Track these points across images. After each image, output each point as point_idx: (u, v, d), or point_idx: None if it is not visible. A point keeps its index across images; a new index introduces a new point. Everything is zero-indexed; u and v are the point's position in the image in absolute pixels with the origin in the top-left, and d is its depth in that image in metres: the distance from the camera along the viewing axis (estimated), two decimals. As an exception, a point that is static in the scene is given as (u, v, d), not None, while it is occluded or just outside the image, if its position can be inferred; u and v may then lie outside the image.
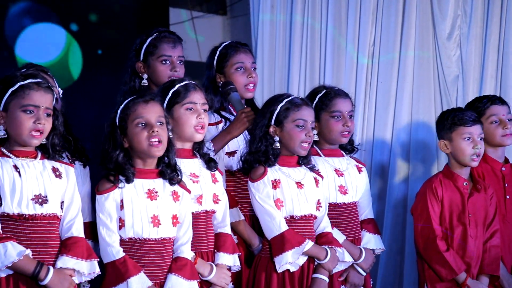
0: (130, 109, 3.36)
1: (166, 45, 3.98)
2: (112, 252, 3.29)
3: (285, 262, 3.70)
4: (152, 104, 3.39)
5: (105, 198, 3.33)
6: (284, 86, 5.65)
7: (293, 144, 3.79)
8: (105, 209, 3.32)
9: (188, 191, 3.49)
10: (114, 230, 3.32)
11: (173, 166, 3.44)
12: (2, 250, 3.02)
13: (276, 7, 5.69)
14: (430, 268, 4.15)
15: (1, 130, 3.15)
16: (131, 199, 3.34)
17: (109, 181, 3.33)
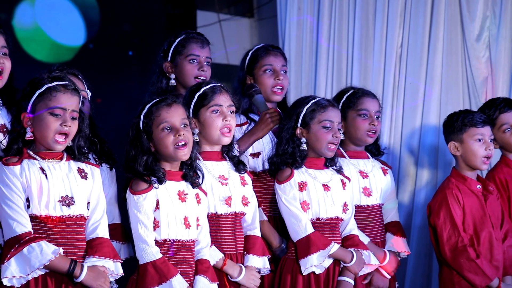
0: (154, 114, 3.36)
1: (194, 44, 3.99)
2: (152, 252, 3.30)
3: (311, 264, 3.70)
4: (175, 107, 3.39)
5: (144, 198, 3.32)
6: (311, 89, 5.64)
7: (319, 145, 3.79)
8: (143, 209, 3.32)
9: (205, 193, 3.50)
10: (151, 230, 3.33)
11: (194, 167, 3.45)
12: (38, 250, 3.04)
13: (303, 9, 5.68)
14: (460, 277, 4.08)
15: (28, 132, 3.17)
16: (165, 200, 3.35)
17: (144, 181, 3.33)
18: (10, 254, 3.04)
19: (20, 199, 3.10)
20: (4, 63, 3.37)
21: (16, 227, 3.07)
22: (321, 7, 5.57)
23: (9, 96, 3.49)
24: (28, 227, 3.09)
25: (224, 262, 3.54)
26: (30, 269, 3.04)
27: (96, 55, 5.45)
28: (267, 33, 6.33)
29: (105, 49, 5.51)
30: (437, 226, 4.08)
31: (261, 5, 6.50)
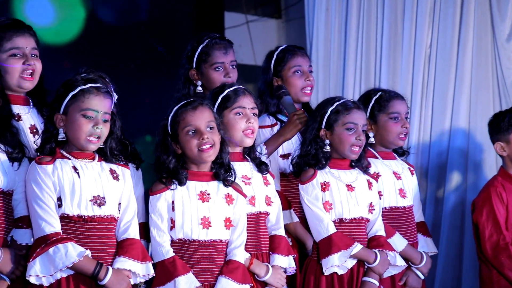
0: (179, 117, 3.38)
1: (218, 52, 4.00)
2: (162, 251, 3.32)
3: (331, 264, 3.69)
4: (201, 110, 3.40)
5: (157, 198, 3.36)
6: (339, 90, 5.64)
7: (342, 147, 3.78)
8: (156, 210, 3.36)
9: (243, 195, 3.50)
10: (165, 230, 3.35)
11: (227, 165, 3.45)
12: (63, 251, 3.06)
13: (331, 10, 5.68)
14: (500, 275, 4.05)
15: (61, 133, 3.20)
16: (182, 200, 3.37)
17: (162, 182, 3.37)
18: (36, 254, 3.06)
19: (51, 199, 3.13)
20: (35, 64, 3.41)
21: (45, 227, 3.09)
22: (349, 7, 5.56)
23: (39, 97, 3.53)
24: (57, 228, 3.11)
25: (250, 261, 3.54)
26: (53, 270, 3.06)
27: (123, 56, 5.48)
28: (295, 34, 6.33)
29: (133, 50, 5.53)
30: (479, 223, 4.07)
31: (288, 6, 6.50)
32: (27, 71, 3.39)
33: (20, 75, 3.38)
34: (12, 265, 3.09)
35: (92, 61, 5.26)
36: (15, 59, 3.38)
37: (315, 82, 4.17)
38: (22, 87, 3.41)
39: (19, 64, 3.38)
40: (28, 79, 3.40)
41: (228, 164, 3.45)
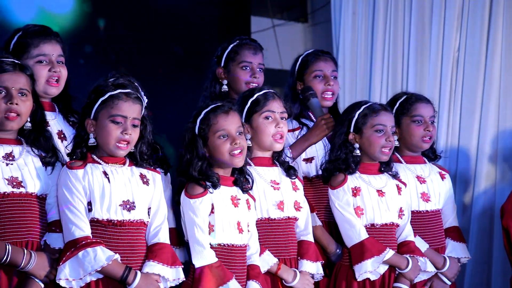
0: (211, 120, 3.38)
1: (247, 51, 4.01)
2: (208, 255, 3.31)
3: (365, 270, 3.68)
4: (232, 115, 3.41)
5: (200, 201, 3.33)
6: (365, 93, 5.62)
7: (373, 150, 3.76)
8: (200, 212, 3.33)
9: (254, 199, 3.51)
10: (207, 233, 3.34)
11: (245, 173, 3.47)
12: (92, 255, 3.08)
13: (357, 14, 5.67)
14: None
15: (91, 138, 3.21)
16: (220, 205, 3.37)
17: (200, 185, 3.35)
18: (65, 257, 3.08)
19: (81, 203, 3.15)
20: (60, 71, 3.45)
21: (75, 231, 3.11)
22: (376, 11, 5.54)
23: (64, 103, 3.57)
24: (87, 232, 3.13)
25: (278, 266, 3.54)
26: (83, 273, 3.07)
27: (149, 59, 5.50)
28: (321, 38, 6.32)
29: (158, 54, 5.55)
30: (509, 228, 4.03)
31: (315, 10, 6.49)
32: (53, 77, 3.43)
33: (46, 81, 3.42)
34: (46, 269, 3.11)
35: (116, 64, 5.32)
36: (42, 65, 3.42)
37: (338, 87, 4.14)
38: (48, 93, 3.45)
39: (45, 71, 3.41)
40: (54, 85, 3.44)
41: (246, 171, 3.47)
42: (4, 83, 3.11)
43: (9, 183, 3.11)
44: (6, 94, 3.11)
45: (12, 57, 3.22)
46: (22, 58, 3.37)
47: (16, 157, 3.16)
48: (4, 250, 3.04)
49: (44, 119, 3.27)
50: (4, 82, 3.11)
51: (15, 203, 3.12)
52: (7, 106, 3.10)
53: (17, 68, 3.16)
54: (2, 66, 3.13)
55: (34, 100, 3.21)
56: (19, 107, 3.12)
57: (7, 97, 3.11)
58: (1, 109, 3.10)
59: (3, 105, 3.10)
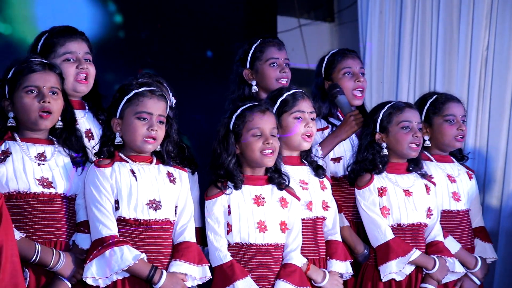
0: (247, 117, 3.40)
1: (272, 48, 4.02)
2: (220, 256, 3.34)
3: (390, 271, 3.67)
4: (268, 115, 3.43)
5: (213, 203, 3.37)
6: (392, 93, 5.60)
7: (401, 147, 3.76)
8: (212, 214, 3.37)
9: (297, 198, 3.51)
10: (222, 234, 3.36)
11: (280, 171, 3.47)
12: (119, 254, 3.09)
13: (384, 13, 5.64)
14: None
15: (117, 136, 3.23)
16: (238, 204, 3.38)
17: (217, 187, 3.39)
18: (92, 256, 3.10)
19: (109, 202, 3.16)
20: (88, 68, 3.47)
21: (102, 229, 3.13)
22: (403, 10, 5.51)
23: (94, 102, 3.59)
24: (114, 230, 3.14)
25: (307, 267, 3.54)
26: (109, 272, 3.09)
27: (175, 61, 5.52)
28: (348, 37, 6.30)
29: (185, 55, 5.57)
30: None
31: (341, 9, 6.48)
32: (81, 75, 3.45)
33: (75, 79, 3.44)
34: (73, 269, 3.14)
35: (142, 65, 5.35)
36: (69, 63, 3.44)
37: (367, 84, 4.15)
38: (77, 91, 3.47)
39: (72, 68, 3.43)
40: (82, 82, 3.46)
41: (280, 169, 3.47)
42: (35, 83, 3.14)
43: (39, 183, 3.14)
44: (38, 93, 3.14)
45: (40, 57, 3.25)
46: (49, 58, 3.40)
47: (48, 157, 3.18)
48: (34, 249, 3.07)
49: (74, 118, 3.29)
50: (35, 81, 3.14)
51: (45, 203, 3.14)
52: (40, 105, 3.13)
53: (47, 67, 3.19)
54: (32, 66, 3.15)
55: (64, 99, 3.23)
56: (51, 106, 3.14)
57: (39, 96, 3.13)
58: (34, 108, 3.13)
59: (36, 104, 3.13)
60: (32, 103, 3.13)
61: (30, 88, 3.14)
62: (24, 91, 3.14)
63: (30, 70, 3.15)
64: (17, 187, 3.11)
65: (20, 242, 3.02)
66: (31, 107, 3.13)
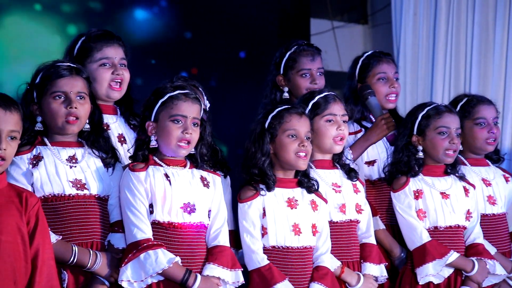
0: (284, 118, 3.40)
1: (305, 58, 4.02)
2: (257, 259, 3.33)
3: (426, 274, 3.65)
4: (305, 119, 3.44)
5: (248, 206, 3.37)
6: (427, 95, 5.57)
7: (436, 152, 3.73)
8: (248, 217, 3.37)
9: (325, 201, 3.50)
10: (258, 237, 3.36)
11: (308, 175, 3.47)
12: (154, 257, 3.10)
13: (419, 14, 5.61)
14: None
15: (152, 140, 3.24)
16: (272, 207, 3.38)
17: (251, 189, 3.38)
18: (127, 259, 3.12)
19: (143, 206, 3.18)
20: (123, 74, 3.49)
21: (137, 233, 3.14)
22: (438, 11, 5.48)
23: (127, 106, 3.61)
24: (148, 234, 3.15)
25: (342, 270, 3.53)
26: (144, 275, 3.10)
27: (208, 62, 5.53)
28: (381, 39, 6.28)
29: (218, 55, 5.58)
30: None
31: (375, 11, 6.45)
32: (115, 80, 3.47)
33: (109, 84, 3.47)
34: (110, 269, 3.16)
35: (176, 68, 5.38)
36: (105, 68, 3.47)
37: (400, 89, 4.13)
38: (110, 97, 3.50)
39: (108, 74, 3.46)
40: (116, 89, 3.48)
41: (309, 174, 3.47)
42: (62, 88, 3.17)
43: (73, 186, 3.16)
44: (65, 98, 3.17)
45: (67, 61, 3.27)
46: (85, 62, 3.44)
47: (79, 160, 3.21)
48: (71, 251, 3.09)
49: (101, 120, 3.31)
50: (62, 87, 3.17)
51: (80, 205, 3.17)
52: (67, 110, 3.16)
53: (74, 72, 3.21)
54: (59, 71, 3.18)
55: (92, 102, 3.26)
56: (78, 111, 3.17)
57: (66, 101, 3.16)
58: (61, 113, 3.16)
59: (63, 110, 3.16)
60: (59, 109, 3.16)
61: (57, 94, 3.17)
62: (52, 97, 3.17)
63: (57, 75, 3.17)
64: (52, 190, 3.14)
65: (57, 244, 3.06)
66: (58, 113, 3.16)
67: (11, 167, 3.10)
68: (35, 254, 2.91)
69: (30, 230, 2.92)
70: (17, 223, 2.89)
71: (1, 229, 2.85)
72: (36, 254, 2.91)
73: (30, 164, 3.14)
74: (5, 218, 2.88)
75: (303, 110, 3.47)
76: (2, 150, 2.86)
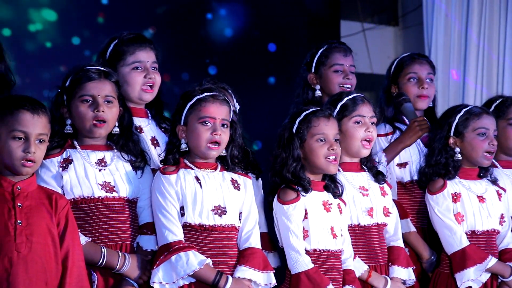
0: (312, 122, 3.39)
1: (337, 54, 4.02)
2: (304, 261, 3.31)
3: (467, 279, 3.61)
4: (333, 121, 3.42)
5: (293, 207, 3.34)
6: (459, 97, 5.55)
7: (475, 154, 3.70)
8: (294, 218, 3.33)
9: (344, 203, 3.49)
10: (302, 240, 3.34)
11: (335, 180, 3.46)
12: (185, 259, 3.11)
13: (450, 17, 5.59)
14: None
15: (182, 143, 3.25)
16: (313, 209, 3.37)
17: (292, 191, 3.36)
18: (159, 261, 3.13)
19: (174, 208, 3.18)
20: (155, 77, 3.51)
21: (168, 235, 3.15)
22: (470, 12, 5.45)
23: (157, 109, 3.63)
24: (179, 236, 3.16)
25: (369, 273, 3.50)
26: (176, 277, 3.11)
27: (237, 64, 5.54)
28: (413, 41, 6.26)
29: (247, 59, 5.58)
30: None
31: (406, 13, 6.43)
32: (147, 84, 3.49)
33: (141, 87, 3.48)
34: (139, 271, 3.17)
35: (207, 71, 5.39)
36: (137, 72, 3.49)
37: (433, 91, 4.08)
38: (142, 99, 3.52)
39: (140, 77, 3.48)
40: (148, 91, 3.50)
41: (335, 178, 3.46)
42: (90, 92, 3.19)
43: (102, 188, 3.18)
44: (92, 102, 3.19)
45: (97, 64, 3.29)
46: (118, 66, 3.46)
47: (108, 163, 3.23)
48: (100, 253, 3.11)
49: (131, 124, 3.33)
50: (90, 90, 3.19)
51: (109, 207, 3.18)
52: (94, 114, 3.18)
53: (102, 76, 3.23)
54: (88, 75, 3.20)
55: (121, 105, 3.27)
56: (105, 114, 3.18)
57: (94, 105, 3.18)
58: (89, 116, 3.18)
59: (90, 113, 3.18)
60: (86, 112, 3.18)
61: (85, 97, 3.19)
62: (80, 100, 3.19)
63: (86, 78, 3.20)
64: (81, 192, 3.16)
65: (86, 246, 3.07)
66: (85, 116, 3.18)
67: (42, 170, 3.13)
68: (66, 256, 2.93)
69: (60, 232, 2.94)
70: (48, 224, 2.92)
71: (32, 231, 2.88)
72: (67, 255, 2.93)
73: (60, 167, 3.16)
74: (36, 220, 2.90)
75: (330, 112, 3.45)
76: (31, 153, 2.88)
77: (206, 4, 5.51)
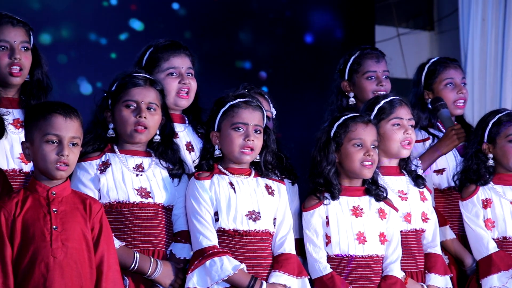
0: (350, 127, 3.39)
1: (370, 61, 3.99)
2: (319, 267, 3.32)
3: (491, 285, 3.58)
4: (371, 127, 3.42)
5: (311, 215, 3.37)
6: (496, 102, 5.50)
7: (506, 161, 3.67)
8: (311, 226, 3.36)
9: (395, 209, 3.46)
10: (321, 246, 3.35)
11: (377, 183, 3.44)
12: (219, 264, 3.12)
13: (487, 20, 5.55)
14: None
15: (216, 149, 3.27)
16: (336, 216, 3.37)
17: (314, 198, 3.38)
18: (194, 266, 3.14)
19: (208, 213, 3.19)
20: (190, 83, 3.53)
21: (202, 240, 3.16)
22: (507, 17, 5.41)
23: (194, 115, 3.64)
24: (214, 241, 3.17)
25: (405, 280, 3.47)
26: (210, 282, 3.12)
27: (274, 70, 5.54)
28: (448, 46, 6.22)
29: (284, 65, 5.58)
30: None
31: (442, 17, 6.39)
32: (183, 89, 3.51)
33: (176, 93, 3.50)
34: (171, 278, 3.18)
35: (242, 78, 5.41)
36: (172, 78, 3.51)
37: (468, 95, 4.07)
38: (178, 105, 3.53)
39: (175, 83, 3.50)
40: (184, 97, 3.52)
41: (377, 181, 3.44)
42: (134, 97, 3.22)
43: (138, 193, 3.20)
44: (135, 107, 3.21)
45: (144, 72, 3.33)
46: (153, 72, 3.48)
47: (146, 169, 3.24)
48: (132, 258, 3.12)
49: (172, 133, 3.35)
50: (134, 96, 3.22)
51: (144, 213, 3.20)
52: (136, 119, 3.20)
53: (148, 83, 3.26)
54: (134, 81, 3.24)
55: (164, 114, 3.30)
56: (147, 121, 3.21)
57: (136, 110, 3.21)
58: (131, 122, 3.21)
59: (132, 118, 3.21)
60: (129, 117, 3.21)
61: (129, 102, 3.22)
62: (124, 105, 3.22)
63: (131, 84, 3.23)
64: (117, 197, 3.18)
65: (120, 250, 3.09)
66: (127, 121, 3.21)
67: (80, 172, 3.18)
68: (101, 260, 2.95)
69: (94, 237, 2.97)
70: (82, 229, 2.94)
71: (67, 236, 2.90)
72: (102, 260, 2.95)
73: (98, 170, 3.19)
74: (71, 225, 2.92)
75: (370, 118, 3.44)
76: (65, 156, 2.90)
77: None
